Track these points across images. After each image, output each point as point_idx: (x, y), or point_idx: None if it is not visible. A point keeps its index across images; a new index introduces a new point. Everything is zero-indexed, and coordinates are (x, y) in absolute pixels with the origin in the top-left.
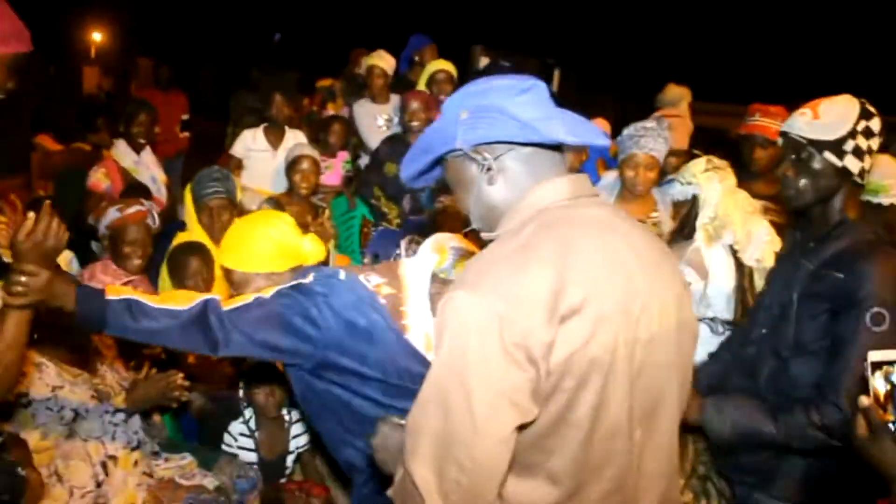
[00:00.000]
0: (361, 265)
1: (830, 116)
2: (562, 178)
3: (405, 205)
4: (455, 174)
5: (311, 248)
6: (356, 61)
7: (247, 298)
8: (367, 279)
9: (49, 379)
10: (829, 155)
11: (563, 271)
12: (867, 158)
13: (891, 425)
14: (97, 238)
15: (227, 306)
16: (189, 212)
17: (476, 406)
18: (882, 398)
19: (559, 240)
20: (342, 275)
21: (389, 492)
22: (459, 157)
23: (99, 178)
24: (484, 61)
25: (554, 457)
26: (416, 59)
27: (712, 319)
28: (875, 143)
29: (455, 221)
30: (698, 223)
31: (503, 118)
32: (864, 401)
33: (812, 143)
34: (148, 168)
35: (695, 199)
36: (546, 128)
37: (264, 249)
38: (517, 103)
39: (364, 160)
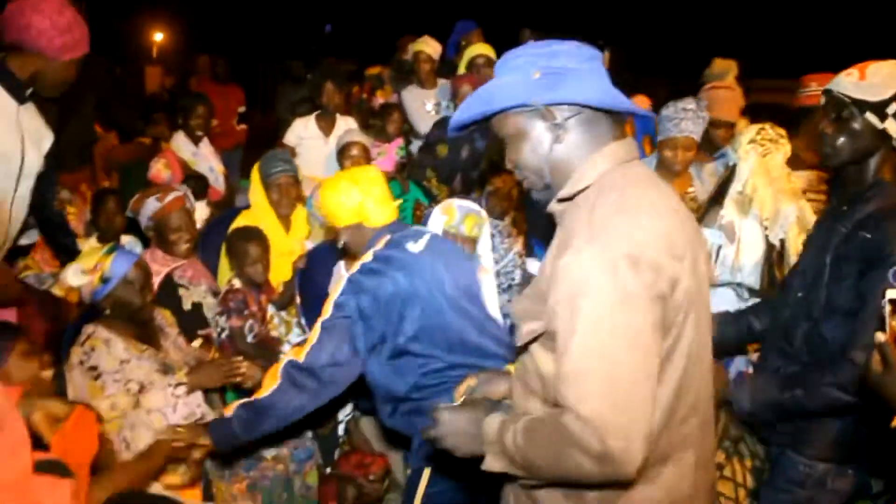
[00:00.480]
0: None
1: (877, 78)
2: (616, 142)
3: (456, 185)
4: (516, 128)
5: (374, 210)
6: (404, 48)
7: (315, 333)
8: None
9: (117, 353)
10: (870, 116)
11: (664, 221)
12: None
13: None
14: None
15: (300, 355)
16: (256, 190)
17: (635, 343)
18: None
19: (645, 196)
20: (418, 241)
21: (499, 464)
22: (525, 112)
23: (160, 169)
24: None
25: (661, 386)
26: (463, 43)
27: (739, 285)
28: None
29: (505, 201)
30: (729, 194)
31: (581, 82)
32: (880, 336)
33: (855, 102)
34: (206, 159)
35: (734, 168)
36: (617, 97)
37: (329, 204)
38: (589, 70)
39: (415, 146)
